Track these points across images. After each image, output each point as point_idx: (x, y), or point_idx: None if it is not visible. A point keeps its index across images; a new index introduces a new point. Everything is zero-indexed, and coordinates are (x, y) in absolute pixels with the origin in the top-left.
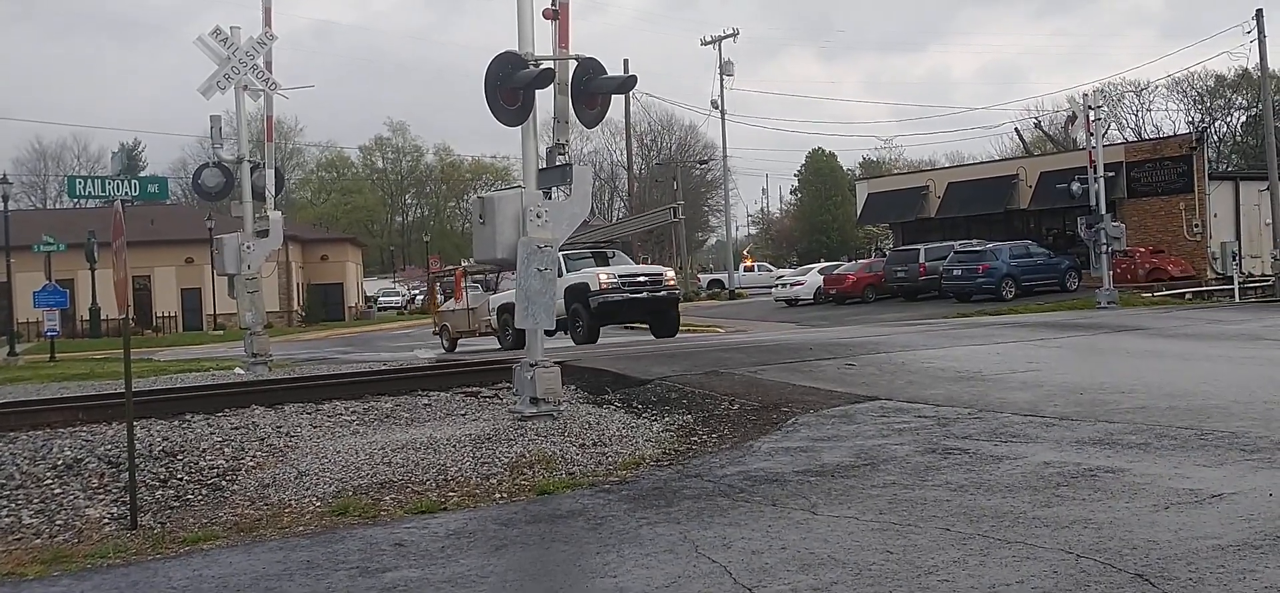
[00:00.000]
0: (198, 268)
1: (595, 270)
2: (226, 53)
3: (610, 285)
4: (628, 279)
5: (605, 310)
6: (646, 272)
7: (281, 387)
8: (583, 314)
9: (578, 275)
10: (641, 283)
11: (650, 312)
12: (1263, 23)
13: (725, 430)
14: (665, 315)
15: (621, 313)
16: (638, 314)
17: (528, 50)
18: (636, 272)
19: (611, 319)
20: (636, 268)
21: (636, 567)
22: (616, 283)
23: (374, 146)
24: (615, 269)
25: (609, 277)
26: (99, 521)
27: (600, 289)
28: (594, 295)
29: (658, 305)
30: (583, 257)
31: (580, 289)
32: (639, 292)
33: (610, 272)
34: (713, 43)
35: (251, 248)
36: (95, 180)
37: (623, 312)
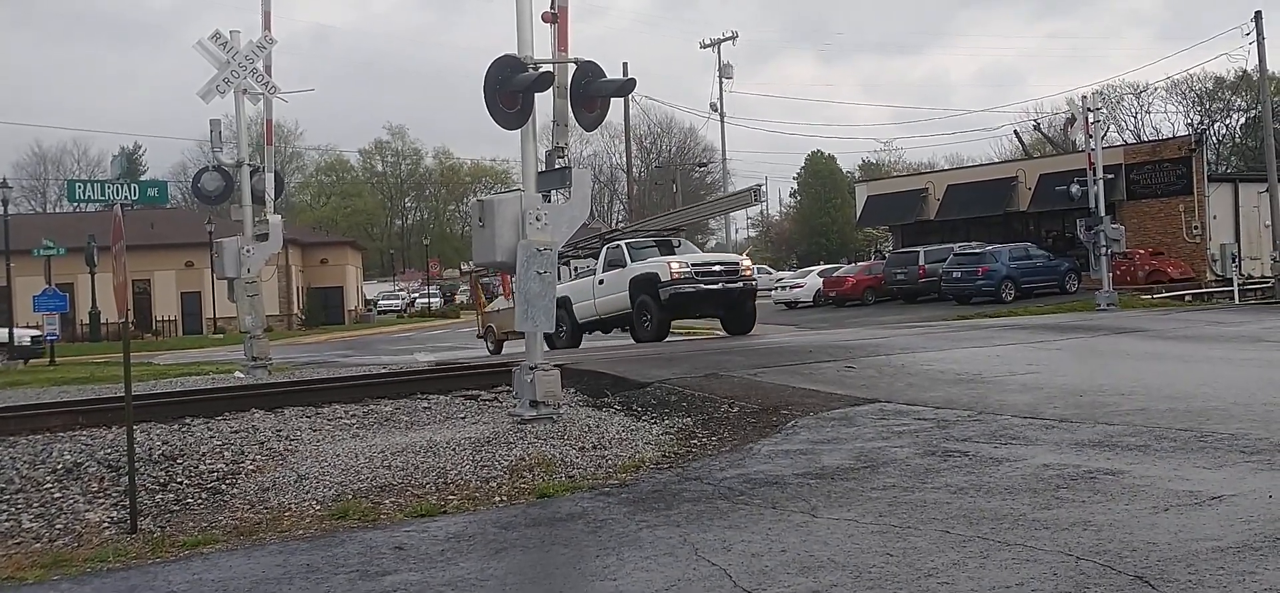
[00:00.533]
0: (197, 272)
1: (665, 260)
2: (226, 57)
3: (682, 275)
4: (701, 268)
5: (676, 303)
6: (721, 260)
7: (281, 390)
8: (651, 308)
9: (644, 265)
10: (716, 273)
11: (724, 305)
12: (1261, 25)
13: (725, 433)
14: (741, 309)
15: (694, 306)
16: (711, 307)
17: (527, 53)
18: (710, 260)
19: (683, 313)
20: (710, 256)
21: (636, 570)
22: (689, 272)
23: (373, 150)
24: (687, 257)
25: (681, 266)
26: (99, 524)
27: (672, 279)
28: (664, 286)
29: (733, 298)
30: (646, 245)
31: (648, 280)
32: (713, 282)
33: (682, 260)
34: (712, 45)
35: (251, 251)
36: (95, 184)
37: (695, 304)
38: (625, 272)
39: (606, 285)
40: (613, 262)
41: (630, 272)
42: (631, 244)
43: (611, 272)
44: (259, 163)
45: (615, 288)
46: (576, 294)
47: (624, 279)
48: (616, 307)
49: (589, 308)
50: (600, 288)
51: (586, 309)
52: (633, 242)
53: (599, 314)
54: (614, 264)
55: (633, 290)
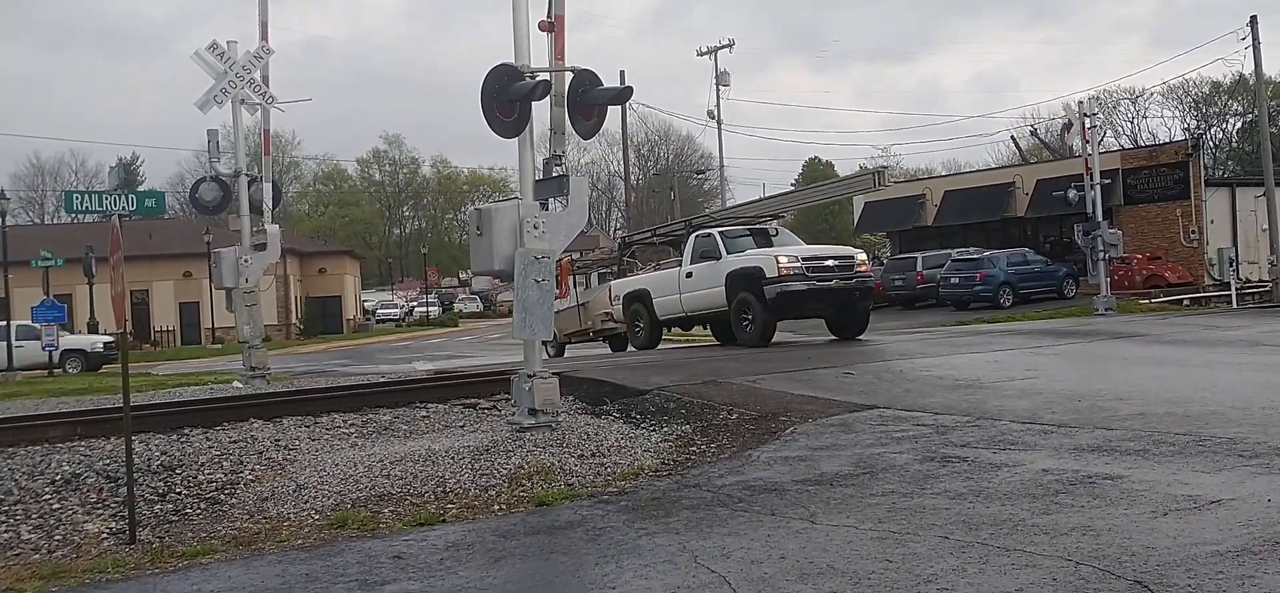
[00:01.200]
0: (196, 282)
1: (770, 253)
2: (223, 67)
3: (792, 271)
4: (813, 263)
5: (784, 302)
6: (835, 253)
7: (280, 400)
8: (754, 308)
9: (745, 258)
10: (830, 267)
11: (837, 304)
12: (1257, 29)
13: (724, 440)
14: (854, 309)
15: (804, 305)
16: (822, 306)
17: (524, 62)
18: (822, 254)
19: (790, 313)
20: (821, 249)
21: (636, 578)
22: (799, 268)
23: (371, 159)
24: (796, 250)
25: (790, 260)
26: (97, 535)
27: (780, 275)
28: (770, 283)
29: (848, 297)
30: (740, 234)
31: (750, 275)
32: (827, 279)
33: (790, 253)
34: (709, 53)
35: (249, 261)
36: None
37: (805, 304)
38: (720, 265)
39: (696, 279)
40: (704, 253)
41: (726, 265)
42: (725, 233)
43: (702, 264)
44: (257, 173)
45: (707, 282)
46: (657, 288)
47: (719, 273)
48: (708, 303)
49: (673, 304)
50: (688, 282)
51: (670, 305)
52: (726, 230)
53: (685, 311)
54: (706, 256)
55: (730, 286)
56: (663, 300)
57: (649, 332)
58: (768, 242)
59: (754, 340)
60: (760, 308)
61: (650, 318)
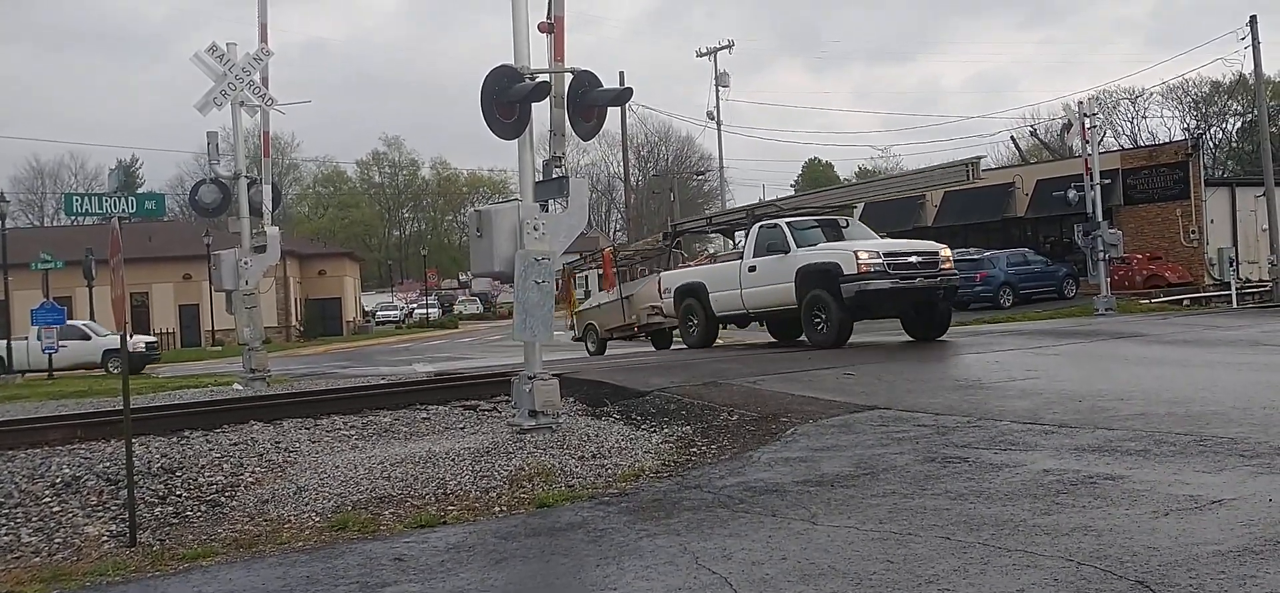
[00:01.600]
0: (195, 284)
1: (849, 247)
2: (223, 69)
3: (872, 267)
4: (896, 259)
5: (863, 302)
6: (918, 249)
7: (280, 402)
8: (829, 307)
9: (819, 253)
10: (913, 264)
11: (919, 305)
12: (1256, 29)
13: (724, 441)
14: (935, 309)
15: (883, 304)
16: (903, 306)
17: (523, 63)
18: (906, 249)
19: (869, 313)
20: (904, 243)
21: (637, 579)
22: (880, 264)
23: (370, 161)
24: (875, 244)
25: (870, 255)
26: (98, 538)
27: (859, 272)
28: (849, 281)
29: (930, 297)
30: (810, 226)
31: (825, 272)
32: (910, 277)
33: (870, 248)
34: (708, 54)
35: (249, 263)
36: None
37: (886, 303)
38: (789, 259)
39: (761, 274)
40: (770, 245)
41: (796, 259)
42: (794, 225)
43: (767, 257)
44: (256, 175)
45: (774, 277)
46: (715, 281)
47: (788, 268)
48: (773, 300)
49: (732, 299)
50: (751, 276)
51: (729, 300)
52: (794, 221)
53: (747, 307)
54: (772, 249)
55: (801, 283)
56: (721, 295)
57: (703, 329)
58: (838, 235)
59: (828, 342)
60: (836, 307)
61: (705, 314)
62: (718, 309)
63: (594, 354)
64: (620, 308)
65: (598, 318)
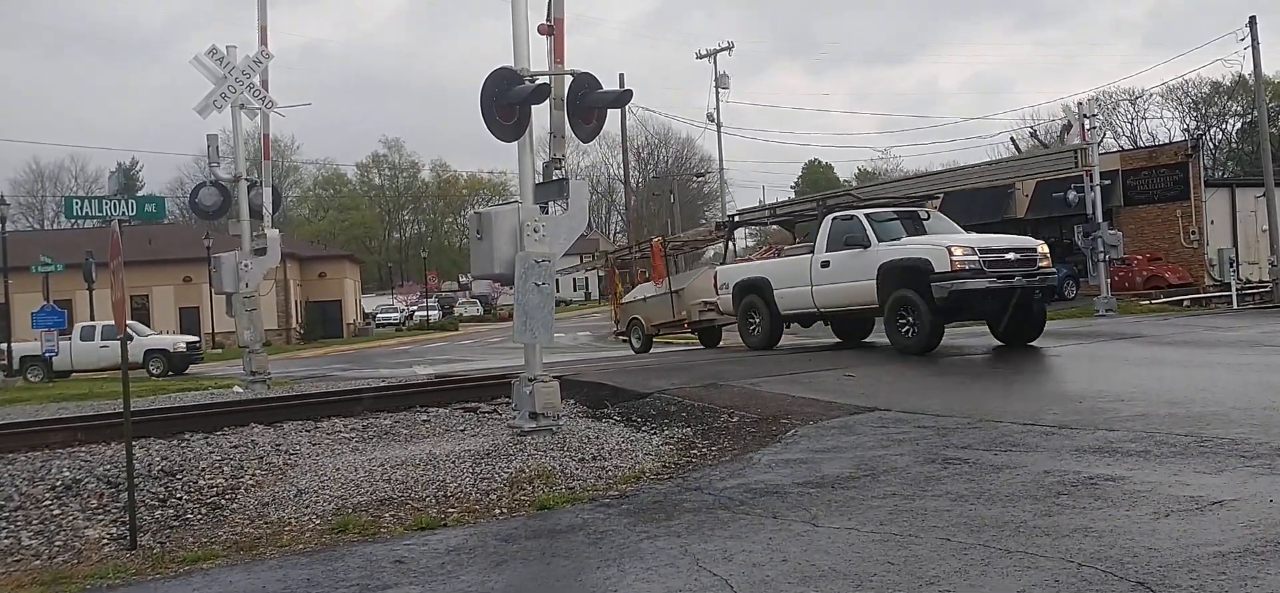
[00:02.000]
0: (196, 287)
1: (940, 241)
2: (223, 72)
3: (967, 265)
4: (992, 256)
5: (957, 303)
6: (1015, 245)
7: (280, 405)
8: (918, 308)
9: (904, 249)
10: (1011, 262)
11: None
12: (1256, 30)
13: (725, 443)
14: (1030, 310)
15: (978, 305)
16: (997, 307)
17: (523, 66)
18: (1002, 245)
19: (960, 314)
20: (999, 239)
21: (638, 581)
22: (975, 262)
23: (370, 163)
24: (968, 240)
25: (965, 251)
26: (98, 541)
27: (952, 270)
28: (940, 279)
29: (1027, 297)
30: (888, 218)
31: (913, 269)
32: (1009, 275)
33: (964, 243)
34: (708, 56)
35: (249, 266)
36: (92, 200)
37: (981, 304)
38: (870, 254)
39: (836, 270)
40: (848, 239)
41: (877, 255)
42: (873, 216)
43: (843, 252)
44: (256, 177)
45: (851, 274)
46: (781, 278)
47: (868, 265)
48: (850, 299)
49: (802, 297)
50: (824, 272)
51: (798, 298)
52: (873, 213)
53: (818, 306)
54: (850, 242)
55: (884, 281)
56: (788, 292)
57: (767, 329)
58: (920, 227)
59: (916, 347)
60: (926, 309)
61: (769, 313)
62: (784, 308)
63: (639, 352)
64: (669, 302)
65: (644, 313)
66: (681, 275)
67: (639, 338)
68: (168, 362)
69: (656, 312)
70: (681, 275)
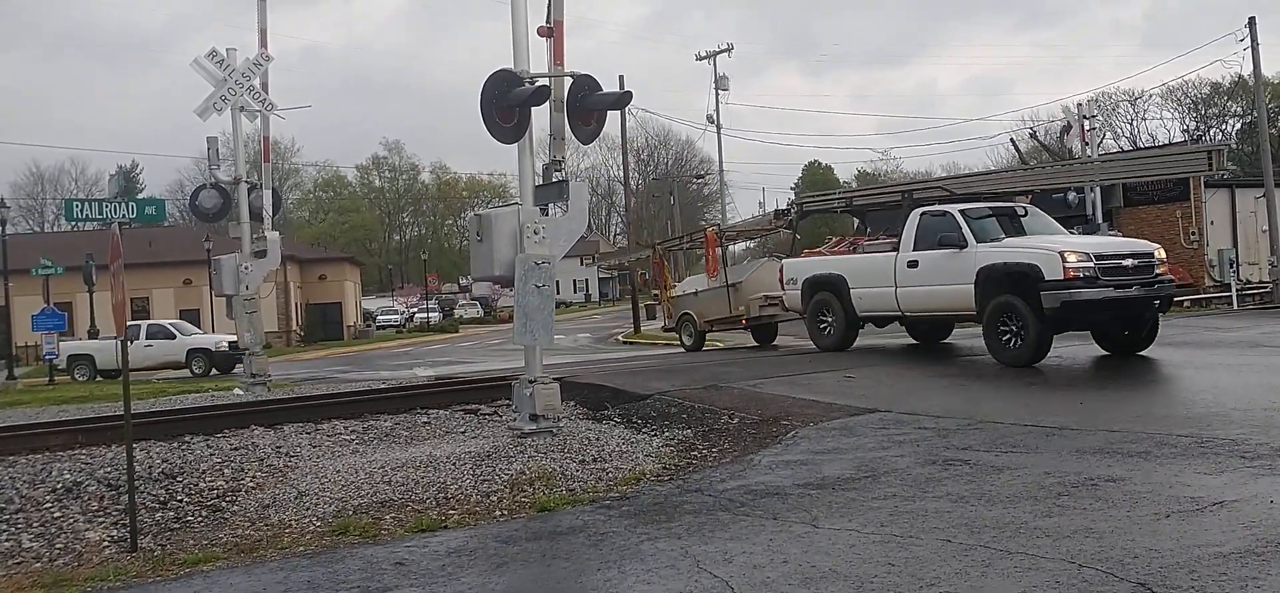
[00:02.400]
0: (196, 289)
1: (1051, 245)
2: (223, 75)
3: (1082, 272)
4: (1108, 262)
5: (1070, 313)
6: (1132, 250)
7: (280, 407)
8: (1024, 317)
9: (1007, 251)
10: (1129, 269)
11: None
12: (1255, 31)
13: (725, 444)
14: (1141, 320)
15: (1094, 316)
16: (1112, 317)
17: (523, 68)
18: (1118, 249)
19: (1072, 325)
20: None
21: (638, 583)
22: (1091, 268)
23: (371, 165)
24: (1080, 243)
25: (1079, 256)
26: (99, 543)
27: (1065, 278)
28: (1052, 288)
29: (1143, 307)
30: (984, 216)
31: (1019, 274)
32: (1126, 284)
33: (1078, 247)
34: (708, 57)
35: (249, 268)
36: (93, 203)
37: (1096, 315)
38: (966, 256)
39: (925, 271)
40: (940, 237)
41: (975, 257)
42: (968, 213)
43: (934, 252)
44: (256, 180)
45: (943, 276)
46: (860, 275)
47: (964, 267)
48: (942, 304)
49: (883, 298)
50: (911, 273)
51: (878, 299)
52: (969, 209)
53: (902, 308)
54: (943, 242)
55: (984, 286)
56: (867, 293)
57: (841, 330)
58: (1017, 226)
59: (1021, 359)
60: (1034, 319)
61: (845, 313)
62: (862, 308)
63: (690, 349)
64: (725, 296)
65: (696, 307)
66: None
67: (690, 334)
68: (210, 360)
69: (711, 306)
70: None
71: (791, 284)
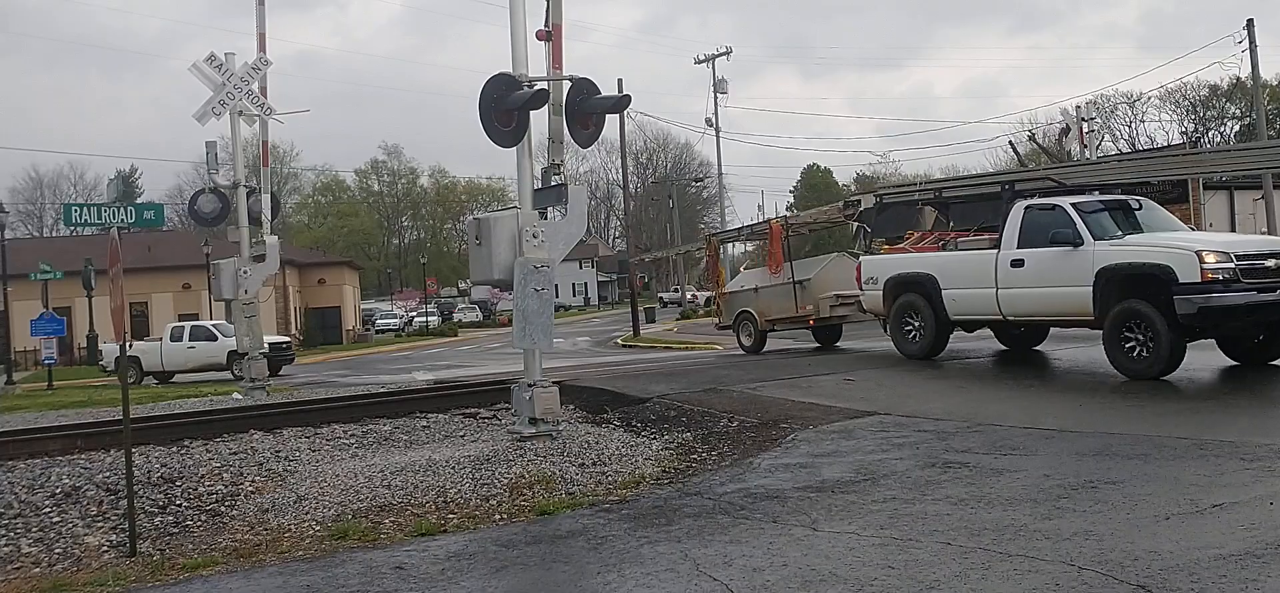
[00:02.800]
0: (195, 294)
1: (1185, 243)
2: (221, 79)
3: (1221, 274)
4: (1251, 262)
5: (1208, 320)
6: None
7: (279, 411)
8: (1155, 324)
9: (1132, 250)
10: (1271, 270)
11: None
12: (1254, 33)
13: (725, 448)
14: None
15: (1233, 323)
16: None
17: (521, 71)
18: (1259, 249)
19: (1208, 332)
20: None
21: (638, 586)
22: (1230, 268)
23: (369, 170)
24: (1218, 241)
25: (1219, 256)
26: (98, 548)
27: (1203, 280)
28: (1187, 292)
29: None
30: (1097, 210)
31: (1150, 278)
32: (1271, 287)
33: (1213, 245)
34: (706, 61)
35: (248, 273)
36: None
37: (1236, 321)
38: (1082, 255)
39: (1032, 271)
40: (1052, 233)
41: (1094, 256)
42: (1081, 206)
43: (1044, 251)
44: (255, 184)
45: (1055, 277)
46: (954, 275)
47: (1081, 268)
48: (1053, 307)
49: (982, 301)
50: (1015, 273)
51: (975, 302)
52: (1080, 203)
53: (1004, 312)
54: (1056, 239)
55: (1105, 289)
56: (963, 294)
57: (930, 336)
58: (1133, 221)
59: (1150, 370)
60: (1165, 326)
61: (936, 316)
62: (956, 311)
63: (749, 350)
64: (791, 294)
65: (757, 305)
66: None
67: (749, 334)
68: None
69: (773, 304)
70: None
71: (871, 284)
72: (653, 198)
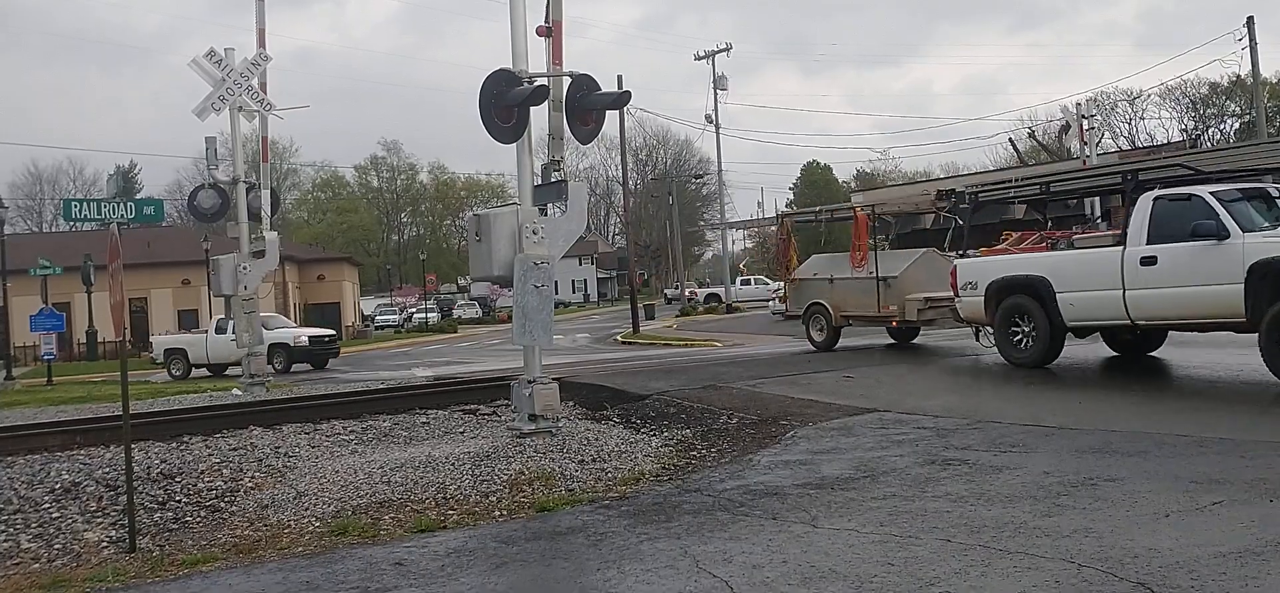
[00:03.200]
0: (195, 290)
1: None
2: (221, 75)
3: None
4: None
5: None
6: None
7: (279, 407)
8: None
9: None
10: None
11: None
12: (1254, 30)
13: (724, 445)
14: None
15: None
16: None
17: (521, 67)
18: None
19: None
20: None
21: (638, 583)
22: None
23: (369, 166)
24: None
25: None
26: (97, 544)
27: None
28: None
29: None
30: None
31: None
32: None
33: None
34: (706, 57)
35: (248, 268)
36: (91, 203)
37: None
38: (1230, 248)
39: (1167, 268)
40: (1194, 226)
41: (1244, 249)
42: (1221, 195)
43: (1181, 246)
44: (255, 180)
45: (1196, 275)
46: (1070, 277)
47: (1226, 263)
48: (1194, 308)
49: (1105, 304)
50: (1147, 272)
51: (1098, 305)
52: (1219, 192)
53: (1133, 315)
54: (1198, 232)
55: (1258, 286)
56: (1082, 297)
57: (1045, 341)
58: (1276, 211)
59: None
60: None
61: (1048, 321)
62: (1073, 317)
63: (820, 347)
64: (874, 291)
65: (831, 298)
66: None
67: (821, 329)
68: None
69: (852, 300)
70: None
71: (970, 289)
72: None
